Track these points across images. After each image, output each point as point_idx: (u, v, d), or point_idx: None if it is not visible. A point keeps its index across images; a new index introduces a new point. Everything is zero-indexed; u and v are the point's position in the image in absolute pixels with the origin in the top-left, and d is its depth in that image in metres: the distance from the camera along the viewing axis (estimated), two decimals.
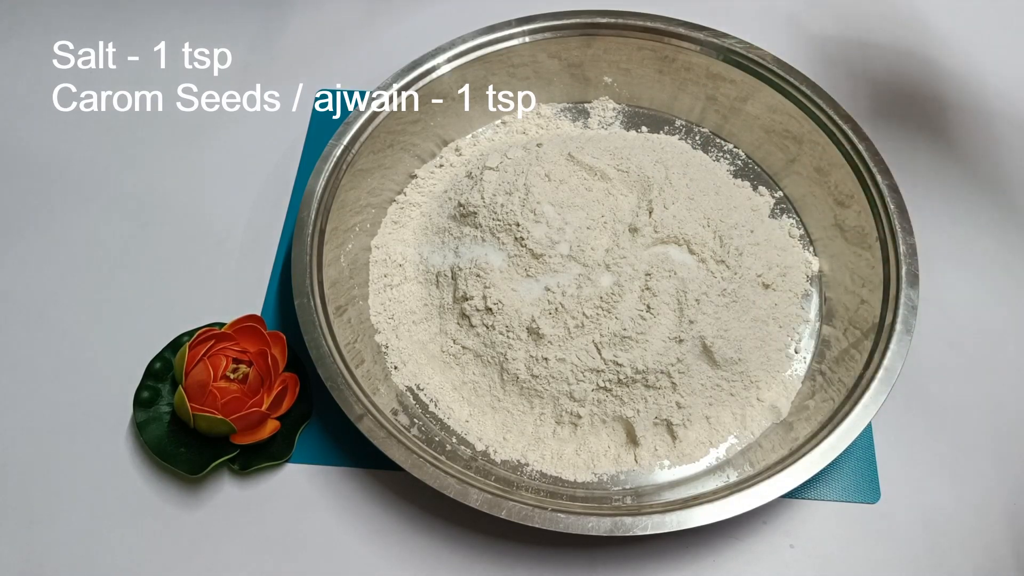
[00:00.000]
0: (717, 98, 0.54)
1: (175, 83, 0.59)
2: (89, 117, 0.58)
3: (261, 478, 0.44)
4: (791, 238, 0.51)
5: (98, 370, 0.47)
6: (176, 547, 0.42)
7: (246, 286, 0.50)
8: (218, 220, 0.53)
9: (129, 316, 0.49)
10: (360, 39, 0.62)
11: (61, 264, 0.51)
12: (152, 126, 0.57)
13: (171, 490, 0.44)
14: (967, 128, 0.57)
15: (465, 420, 0.45)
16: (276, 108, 0.58)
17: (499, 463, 0.43)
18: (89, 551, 0.42)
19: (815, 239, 0.51)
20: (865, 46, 0.61)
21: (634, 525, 0.37)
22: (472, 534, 0.42)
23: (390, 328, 0.47)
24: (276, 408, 0.43)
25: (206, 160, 0.56)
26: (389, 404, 0.44)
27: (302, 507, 0.43)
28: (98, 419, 0.46)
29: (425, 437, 0.43)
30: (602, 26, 0.53)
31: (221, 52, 0.61)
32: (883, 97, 0.58)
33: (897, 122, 0.56)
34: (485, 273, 0.45)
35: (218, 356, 0.43)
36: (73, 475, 0.44)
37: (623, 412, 0.43)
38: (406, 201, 0.52)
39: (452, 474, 0.39)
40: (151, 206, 0.54)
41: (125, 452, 0.45)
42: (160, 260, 0.51)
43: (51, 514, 0.43)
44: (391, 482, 0.43)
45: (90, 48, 0.61)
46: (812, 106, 0.50)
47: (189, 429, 0.43)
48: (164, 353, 0.46)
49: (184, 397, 0.41)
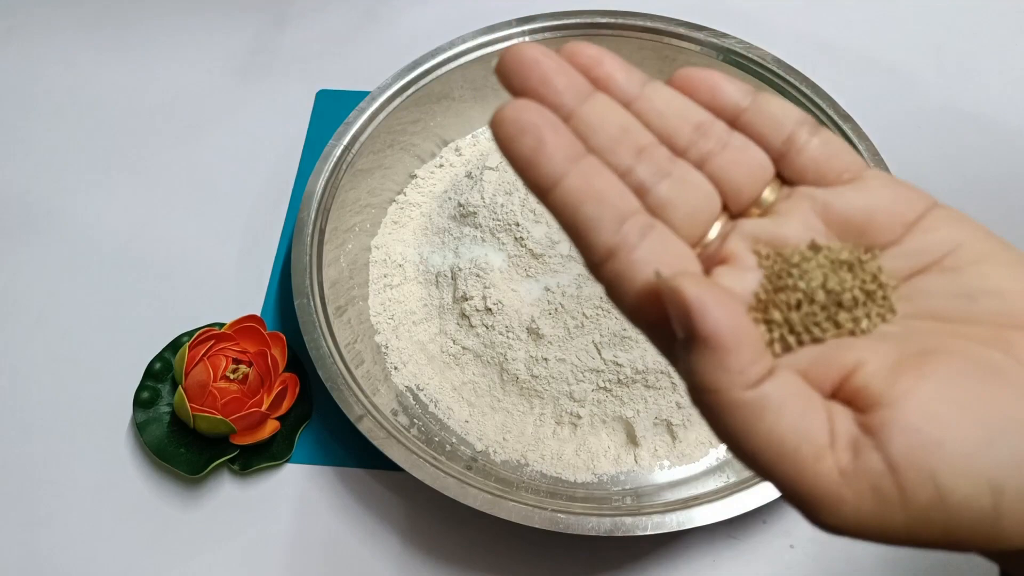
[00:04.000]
0: None
1: (175, 83, 0.59)
2: (87, 116, 0.58)
3: (261, 478, 0.44)
4: None
5: (98, 370, 0.47)
6: (176, 547, 0.42)
7: (246, 286, 0.50)
8: (218, 220, 0.53)
9: (129, 316, 0.49)
10: (360, 39, 0.62)
11: (61, 264, 0.51)
12: (151, 126, 0.57)
13: (171, 490, 0.44)
14: (970, 129, 0.57)
15: (465, 420, 0.45)
16: (276, 108, 0.58)
17: (499, 463, 0.43)
18: (89, 551, 0.42)
19: None
20: (867, 46, 0.61)
21: (634, 525, 0.37)
22: (472, 534, 0.42)
23: (390, 328, 0.47)
24: (276, 408, 0.43)
25: (205, 160, 0.56)
26: (389, 404, 0.44)
27: (302, 507, 0.43)
28: (98, 420, 0.46)
29: (425, 437, 0.43)
30: (602, 26, 0.53)
31: (220, 52, 0.61)
32: (884, 97, 0.58)
33: (899, 122, 0.56)
34: (485, 273, 0.45)
35: (218, 356, 0.43)
36: (73, 476, 0.44)
37: (623, 412, 0.43)
38: (406, 201, 0.52)
39: (452, 474, 0.39)
40: (150, 206, 0.54)
41: (125, 452, 0.45)
42: (160, 260, 0.51)
43: (51, 515, 0.43)
44: (391, 482, 0.43)
45: (90, 46, 0.61)
46: (812, 106, 0.50)
47: (189, 429, 0.43)
48: (164, 353, 0.46)
49: (184, 397, 0.41)
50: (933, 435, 0.16)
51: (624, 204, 0.20)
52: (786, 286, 0.20)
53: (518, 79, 0.21)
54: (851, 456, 0.17)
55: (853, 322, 0.20)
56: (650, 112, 0.22)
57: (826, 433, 0.17)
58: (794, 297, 0.20)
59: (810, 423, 0.17)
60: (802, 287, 0.20)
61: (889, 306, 0.20)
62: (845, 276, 0.20)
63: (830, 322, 0.20)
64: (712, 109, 0.22)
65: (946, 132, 0.57)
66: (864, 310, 0.20)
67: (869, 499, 0.16)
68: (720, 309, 0.17)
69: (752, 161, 0.22)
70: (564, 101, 0.21)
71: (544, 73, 0.21)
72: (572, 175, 0.19)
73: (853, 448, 0.17)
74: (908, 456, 0.16)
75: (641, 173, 0.21)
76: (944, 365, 0.17)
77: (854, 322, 0.20)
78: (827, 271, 0.20)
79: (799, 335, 0.19)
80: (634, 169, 0.21)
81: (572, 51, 0.22)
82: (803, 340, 0.19)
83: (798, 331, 0.19)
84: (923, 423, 0.16)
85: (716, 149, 0.21)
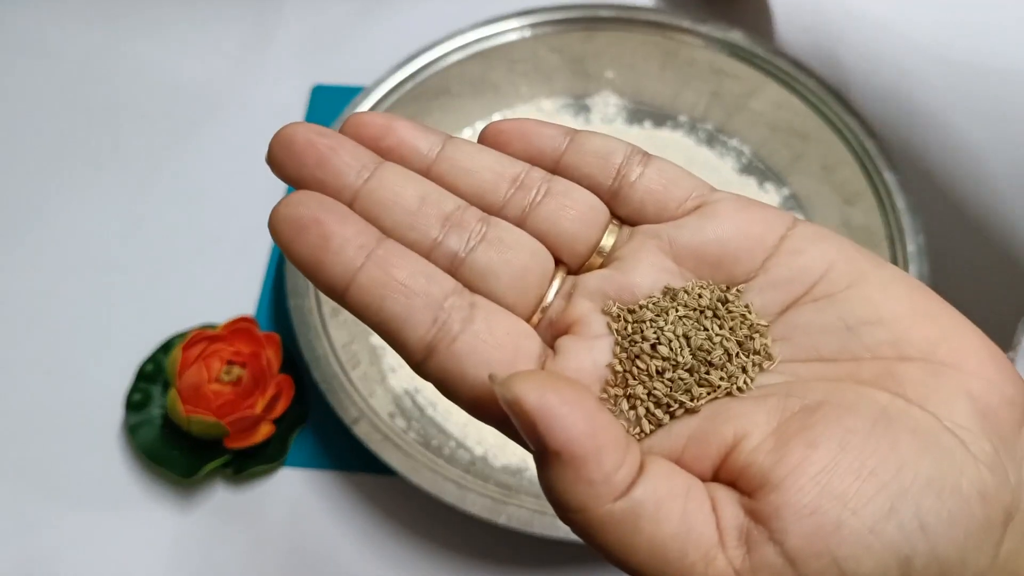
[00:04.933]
0: (722, 94, 0.53)
1: (166, 78, 0.58)
2: (79, 112, 0.57)
3: (255, 482, 0.43)
4: None
5: (88, 373, 0.46)
6: (169, 551, 0.41)
7: (239, 286, 0.49)
8: (211, 219, 0.52)
9: (119, 318, 0.48)
10: (357, 33, 0.61)
11: (49, 264, 0.51)
12: (141, 122, 0.57)
13: (163, 494, 0.43)
14: (979, 124, 0.56)
15: (464, 424, 0.44)
16: (270, 104, 0.57)
17: (498, 467, 0.42)
18: (81, 555, 0.41)
19: None
20: (873, 40, 0.60)
21: None
22: (471, 540, 0.41)
23: None
24: (270, 411, 0.43)
25: (198, 157, 0.55)
26: (386, 407, 0.43)
27: (297, 511, 0.42)
28: (88, 423, 0.45)
29: (423, 441, 0.42)
30: (604, 20, 0.53)
31: (213, 46, 0.60)
32: (892, 92, 0.57)
33: (907, 117, 0.55)
34: None
35: (211, 358, 0.42)
36: (64, 480, 0.43)
37: None
38: None
39: (450, 479, 0.38)
40: (141, 204, 0.53)
41: (116, 456, 0.44)
42: (151, 260, 0.51)
43: (41, 519, 0.42)
44: (387, 487, 0.43)
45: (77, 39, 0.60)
46: (818, 102, 0.49)
47: (181, 432, 0.42)
48: (156, 355, 0.45)
49: (178, 399, 0.41)
50: (831, 516, 0.14)
51: (435, 288, 0.17)
52: (643, 352, 0.17)
53: (291, 166, 0.19)
54: (743, 552, 0.15)
55: (728, 380, 0.17)
56: (455, 172, 0.19)
57: (713, 530, 0.15)
58: (654, 364, 0.17)
59: (693, 523, 0.15)
60: (662, 352, 0.17)
61: (766, 353, 0.18)
62: (710, 326, 0.18)
63: (702, 386, 0.17)
64: (528, 158, 0.20)
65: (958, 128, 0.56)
66: (739, 362, 0.17)
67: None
68: (569, 415, 0.14)
69: (580, 204, 0.19)
70: (348, 182, 0.18)
71: (320, 154, 0.18)
72: (366, 268, 0.17)
73: (745, 542, 0.15)
74: (807, 546, 0.14)
75: (451, 243, 0.18)
76: (833, 426, 0.16)
77: (729, 380, 0.17)
78: (688, 325, 0.18)
79: (668, 407, 0.17)
80: (442, 241, 0.18)
81: (356, 123, 0.20)
82: (674, 412, 0.17)
83: (665, 403, 0.17)
84: (818, 503, 0.15)
85: (537, 198, 0.19)
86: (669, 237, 0.19)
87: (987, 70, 0.59)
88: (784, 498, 0.15)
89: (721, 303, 0.18)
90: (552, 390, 0.15)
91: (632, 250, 0.19)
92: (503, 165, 0.20)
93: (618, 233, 0.20)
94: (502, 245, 0.18)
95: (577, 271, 0.20)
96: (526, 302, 0.18)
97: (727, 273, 0.19)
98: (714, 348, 0.17)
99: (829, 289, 0.18)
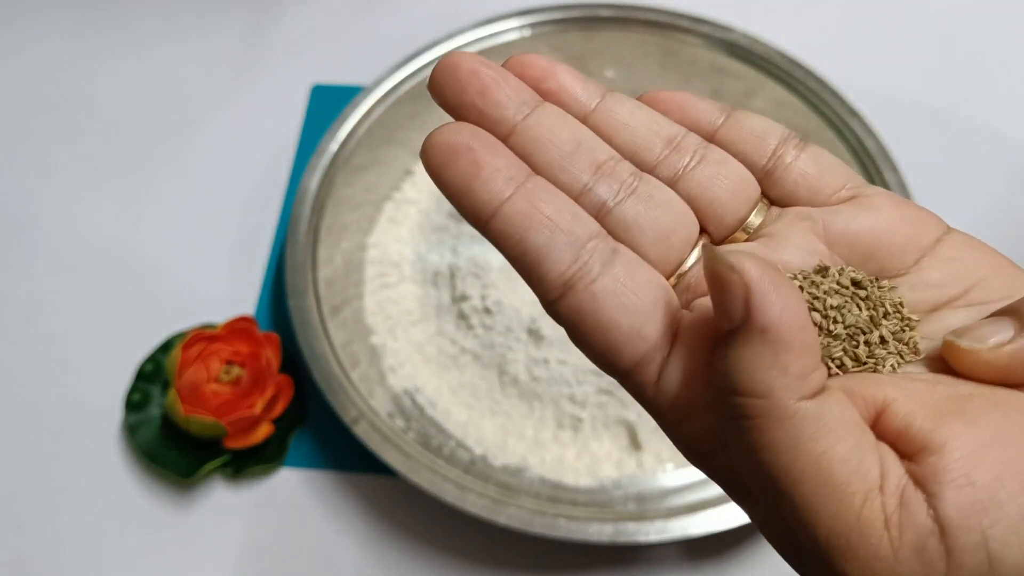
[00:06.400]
0: (722, 93, 0.53)
1: (165, 77, 0.58)
2: (79, 112, 0.57)
3: (254, 482, 0.43)
4: None
5: (87, 373, 0.46)
6: (167, 552, 0.41)
7: (238, 286, 0.49)
8: (209, 218, 0.52)
9: (118, 317, 0.48)
10: (356, 32, 0.61)
11: (48, 265, 0.51)
12: (140, 121, 0.56)
13: (162, 494, 0.43)
14: (979, 123, 0.56)
15: (463, 423, 0.44)
16: (269, 103, 0.57)
17: (498, 467, 0.42)
18: (79, 555, 0.41)
19: None
20: (873, 39, 0.60)
21: (637, 531, 0.37)
22: (470, 540, 0.41)
23: (386, 329, 0.46)
24: (270, 411, 0.43)
25: (197, 156, 0.55)
26: (385, 407, 0.43)
27: (296, 512, 0.42)
28: (88, 422, 0.45)
29: (422, 441, 0.42)
30: (604, 19, 0.52)
31: (212, 45, 0.60)
32: (892, 91, 0.57)
33: (906, 116, 0.55)
34: (484, 272, 0.44)
35: (211, 358, 0.42)
36: (62, 480, 0.43)
37: (625, 415, 0.42)
38: (403, 198, 0.51)
39: (450, 479, 0.38)
40: (140, 204, 0.53)
41: (115, 456, 0.44)
42: (150, 260, 0.50)
43: (40, 520, 0.42)
44: (387, 487, 0.43)
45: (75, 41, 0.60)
46: (818, 102, 0.49)
47: (181, 432, 0.42)
48: (155, 355, 0.45)
49: (177, 399, 0.41)
50: (987, 492, 0.14)
51: (580, 228, 0.17)
52: None
53: (453, 93, 0.18)
54: (898, 506, 0.15)
55: (874, 359, 0.17)
56: (612, 124, 0.19)
57: (877, 474, 0.15)
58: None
59: (864, 456, 0.15)
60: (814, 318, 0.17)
61: (914, 346, 0.18)
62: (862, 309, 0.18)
63: (849, 356, 0.17)
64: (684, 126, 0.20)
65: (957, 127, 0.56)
66: (891, 347, 0.17)
67: (910, 558, 0.14)
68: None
69: (734, 175, 0.19)
70: (507, 115, 0.18)
71: (484, 84, 0.18)
72: (514, 199, 0.17)
73: (900, 499, 0.15)
74: (961, 515, 0.14)
75: (600, 191, 0.18)
76: (991, 412, 0.15)
77: (875, 360, 0.17)
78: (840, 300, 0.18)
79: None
80: (592, 188, 0.18)
81: (520, 62, 0.19)
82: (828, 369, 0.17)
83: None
84: (977, 475, 0.14)
85: (691, 163, 0.19)
86: (824, 221, 0.19)
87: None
88: (944, 463, 0.14)
89: (875, 290, 0.18)
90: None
91: (782, 228, 0.19)
92: (660, 124, 0.19)
93: (766, 213, 0.19)
94: (651, 202, 0.18)
95: (720, 243, 0.19)
96: (666, 262, 0.18)
97: (879, 265, 0.19)
98: (872, 329, 0.17)
99: (983, 298, 0.18)
